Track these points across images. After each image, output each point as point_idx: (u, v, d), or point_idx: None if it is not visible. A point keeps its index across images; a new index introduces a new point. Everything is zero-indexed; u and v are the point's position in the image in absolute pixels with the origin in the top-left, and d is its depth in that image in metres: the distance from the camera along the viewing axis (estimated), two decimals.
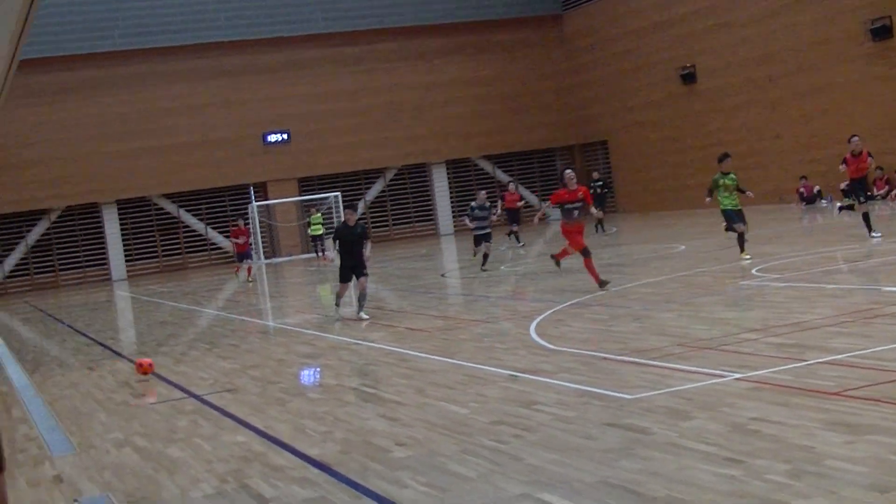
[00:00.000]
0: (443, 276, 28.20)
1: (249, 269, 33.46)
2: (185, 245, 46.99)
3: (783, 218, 32.59)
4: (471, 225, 26.74)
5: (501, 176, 50.81)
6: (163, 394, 13.57)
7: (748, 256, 20.50)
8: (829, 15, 37.16)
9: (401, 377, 12.56)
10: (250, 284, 31.65)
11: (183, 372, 15.13)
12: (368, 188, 49.35)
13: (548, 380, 11.20)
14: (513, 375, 11.68)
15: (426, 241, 46.37)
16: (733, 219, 20.92)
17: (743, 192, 21.08)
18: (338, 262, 19.38)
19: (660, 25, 45.16)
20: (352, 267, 18.86)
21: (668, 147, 44.34)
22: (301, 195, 47.15)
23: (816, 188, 37.40)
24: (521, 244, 34.20)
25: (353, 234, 18.81)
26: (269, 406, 11.67)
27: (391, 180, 49.76)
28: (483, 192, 27.55)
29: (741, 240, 20.85)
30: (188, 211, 46.88)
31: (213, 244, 47.19)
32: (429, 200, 50.30)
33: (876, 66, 35.83)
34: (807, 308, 13.79)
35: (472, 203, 26.93)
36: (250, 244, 34.87)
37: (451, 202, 50.37)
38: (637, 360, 11.70)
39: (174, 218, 46.71)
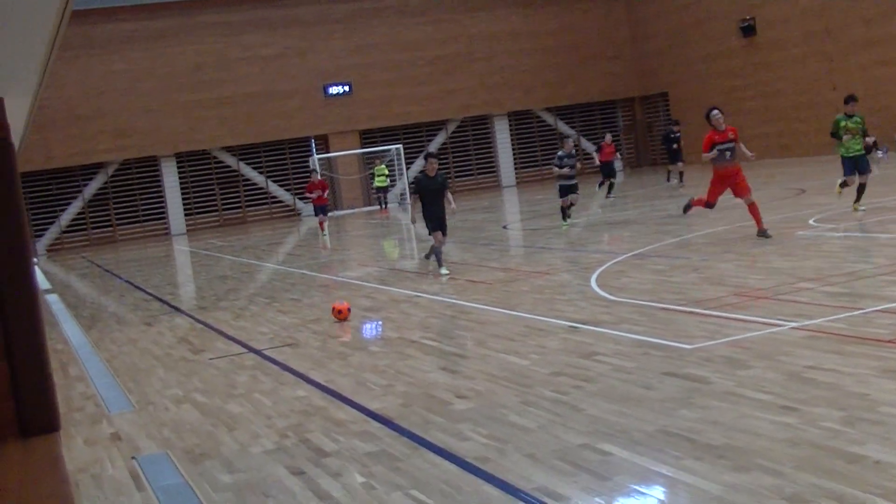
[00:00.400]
0: (504, 228, 28.31)
1: (322, 224, 32.23)
2: (245, 199, 47.16)
3: (839, 169, 32.24)
4: (559, 173, 24.50)
5: (563, 128, 50.67)
6: (222, 349, 13.66)
7: (863, 207, 19.13)
8: None
9: (462, 329, 12.74)
10: (325, 239, 30.98)
11: (243, 327, 15.29)
12: (430, 140, 49.39)
13: (607, 330, 11.33)
14: (573, 326, 11.82)
15: (488, 193, 46.43)
16: (850, 169, 19.38)
17: (865, 136, 19.64)
18: (410, 219, 19.01)
19: None
20: (438, 218, 18.33)
21: (728, 99, 43.94)
22: (363, 147, 47.27)
23: (872, 139, 37.08)
24: (612, 197, 32.50)
25: (436, 184, 18.32)
26: (329, 360, 11.80)
27: (453, 132, 49.75)
28: (570, 139, 25.51)
29: (859, 190, 19.29)
30: (248, 164, 47.07)
31: (274, 197, 47.43)
32: (491, 152, 50.28)
33: None
34: (861, 257, 13.79)
35: (559, 152, 24.70)
36: (327, 197, 33.86)
37: (514, 154, 50.34)
38: (696, 310, 11.79)
39: (234, 171, 46.87)
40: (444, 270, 18.22)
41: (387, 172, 43.27)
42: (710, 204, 18.33)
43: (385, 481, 7.07)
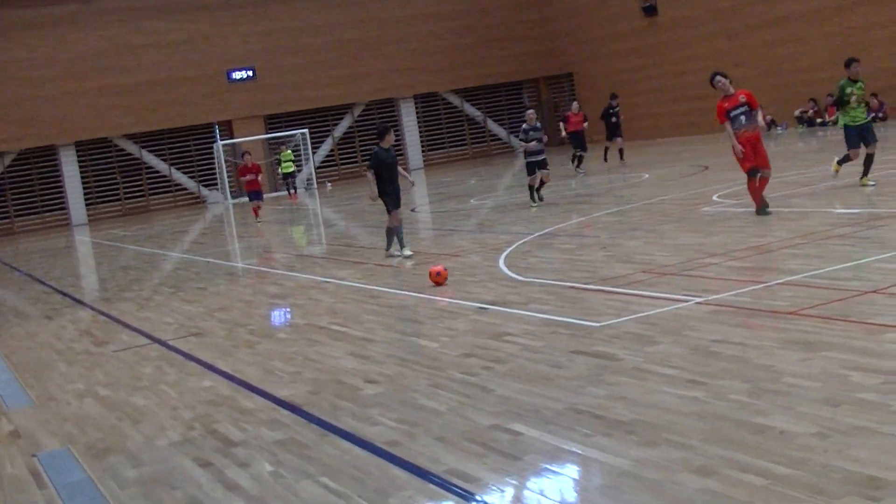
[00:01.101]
0: (413, 210, 28.26)
1: (256, 210, 30.49)
2: (148, 187, 46.56)
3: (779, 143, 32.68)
4: (522, 148, 23.02)
5: (469, 110, 50.76)
6: (126, 341, 13.41)
7: (872, 182, 17.54)
8: None
9: (371, 314, 12.67)
10: (259, 226, 29.49)
11: (147, 318, 15.05)
12: (336, 124, 49.18)
13: (516, 311, 11.35)
14: (482, 308, 11.82)
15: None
16: (855, 141, 17.73)
17: (867, 104, 17.79)
18: (370, 196, 17.48)
19: None
20: (396, 194, 17.27)
21: (632, 78, 44.44)
22: (268, 133, 46.89)
23: (769, 117, 37.79)
24: (583, 172, 30.83)
25: (391, 157, 17.32)
26: (236, 349, 11.67)
27: (359, 116, 49.58)
28: (531, 111, 23.64)
29: (867, 162, 17.67)
30: (151, 152, 46.45)
31: (178, 185, 46.89)
32: (398, 136, 50.22)
33: None
34: (764, 232, 13.97)
35: (523, 125, 23.09)
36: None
37: (421, 137, 50.31)
38: (603, 287, 11.87)
39: (136, 159, 46.23)
40: (407, 252, 17.20)
41: (293, 158, 42.94)
42: (752, 172, 16.02)
43: (294, 469, 7.00)
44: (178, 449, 7.94)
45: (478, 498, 6.06)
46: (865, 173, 17.61)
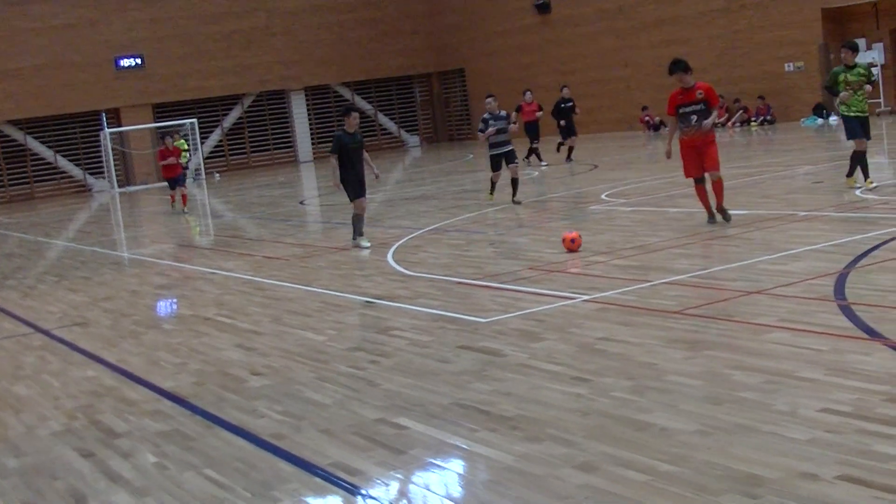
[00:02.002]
0: (301, 203, 28.12)
1: (185, 198, 28.04)
2: (33, 174, 45.56)
3: (630, 145, 33.28)
4: (482, 138, 20.45)
5: (361, 103, 50.59)
6: (8, 329, 13.15)
7: (874, 183, 16.19)
8: None
9: (257, 306, 12.57)
10: (186, 215, 27.27)
11: (30, 306, 14.75)
12: (226, 114, 48.67)
13: (404, 305, 11.36)
14: (369, 302, 11.81)
15: (285, 168, 46.04)
16: (856, 130, 16.24)
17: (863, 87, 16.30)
18: (334, 183, 16.57)
19: None
20: (359, 182, 16.32)
21: (523, 75, 44.64)
22: (156, 122, 46.17)
23: (657, 118, 38.54)
24: (545, 163, 29.24)
25: (356, 142, 16.36)
26: (121, 339, 11.50)
27: (249, 107, 49.10)
28: (491, 97, 20.81)
29: (861, 162, 16.31)
30: (36, 138, 45.47)
31: (63, 173, 45.94)
32: (287, 128, 49.83)
33: (717, 0, 37.61)
34: (651, 231, 14.17)
35: (485, 114, 20.54)
36: (184, 167, 29.54)
37: (311, 129, 50.02)
38: (491, 283, 11.93)
39: (21, 146, 45.23)
40: (365, 243, 16.35)
41: (186, 147, 42.37)
42: (697, 180, 14.52)
43: (178, 461, 6.92)
44: (60, 439, 7.81)
45: (363, 492, 6.05)
46: (850, 174, 16.41)
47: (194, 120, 45.10)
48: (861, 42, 34.38)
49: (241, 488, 6.28)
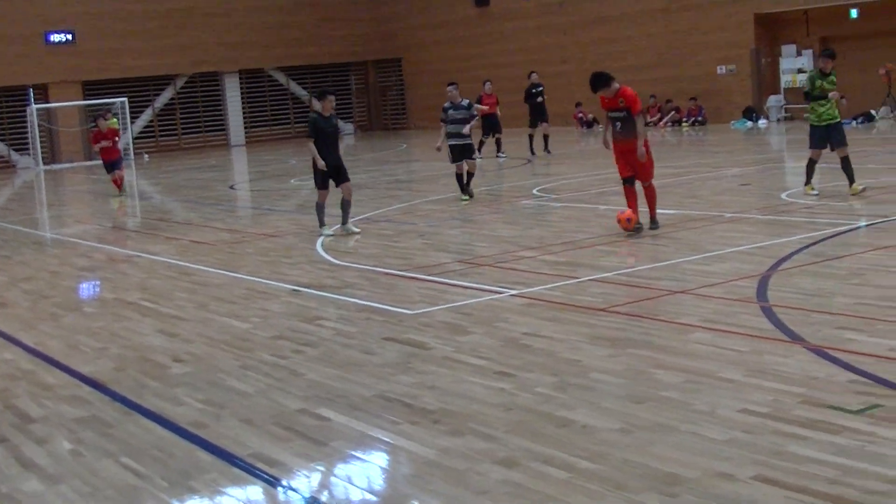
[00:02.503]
0: (231, 188, 27.92)
1: (120, 181, 26.30)
2: None
3: (564, 141, 33.39)
4: (450, 130, 19.44)
5: (295, 89, 50.31)
6: None
7: (861, 185, 15.73)
8: None
9: (182, 291, 12.43)
10: (122, 199, 25.71)
11: None
12: (158, 95, 48.11)
13: (331, 295, 11.31)
14: (296, 290, 11.74)
15: (216, 151, 45.65)
16: (819, 140, 15.89)
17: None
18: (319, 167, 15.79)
19: None
20: (334, 168, 15.75)
21: (461, 67, 44.63)
22: (85, 99, 45.49)
23: (591, 115, 38.83)
24: (505, 155, 28.20)
25: (331, 126, 15.88)
26: (40, 321, 11.30)
27: (182, 88, 48.59)
28: (453, 86, 20.06)
29: (811, 166, 16.06)
30: None
31: None
32: (220, 111, 49.39)
33: (655, 0, 37.94)
34: (580, 227, 14.24)
35: (445, 103, 19.71)
36: (120, 149, 27.66)
37: (244, 113, 49.63)
38: (419, 275, 11.91)
39: None
40: (328, 231, 15.86)
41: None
42: (625, 180, 14.05)
43: (94, 447, 6.82)
44: None
45: (283, 483, 6.01)
46: (851, 180, 15.74)
47: (124, 99, 44.52)
48: (791, 48, 34.87)
49: (159, 477, 6.21)
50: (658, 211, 14.28)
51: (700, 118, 36.06)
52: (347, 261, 13.44)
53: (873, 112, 32.22)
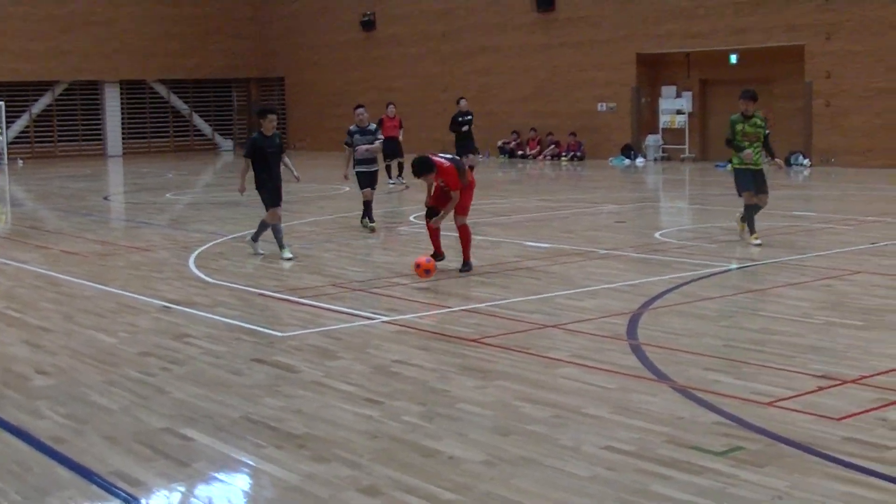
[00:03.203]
0: (106, 199, 27.47)
1: None
2: None
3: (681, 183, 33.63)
4: (359, 154, 18.22)
5: (176, 102, 49.77)
6: None
7: (757, 240, 15.06)
8: None
9: (49, 302, 12.19)
10: None
11: None
12: (35, 101, 47.17)
13: (201, 313, 11.18)
14: (166, 306, 11.59)
15: (93, 161, 44.85)
16: (747, 184, 15.23)
17: (770, 153, 15.58)
18: (239, 188, 15.56)
19: None
20: (275, 189, 14.94)
21: (344, 90, 44.74)
22: None
23: (478, 155, 39.12)
24: (404, 183, 26.57)
25: (274, 145, 14.84)
26: None
27: (60, 95, 47.72)
28: (362, 108, 18.75)
29: (750, 214, 15.27)
30: None
31: None
32: (99, 120, 48.59)
33: (536, 35, 38.73)
34: (455, 257, 14.29)
35: (351, 126, 18.52)
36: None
37: (123, 124, 48.90)
38: (292, 298, 11.85)
39: None
40: (287, 254, 14.76)
41: None
42: (428, 211, 13.80)
43: None
44: None
45: (142, 503, 5.91)
46: (752, 230, 15.20)
47: (1, 103, 43.60)
48: (671, 89, 35.59)
49: (14, 492, 6.07)
50: (532, 244, 14.41)
51: (579, 153, 36.60)
52: (220, 279, 13.32)
53: None
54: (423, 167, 13.15)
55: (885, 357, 8.58)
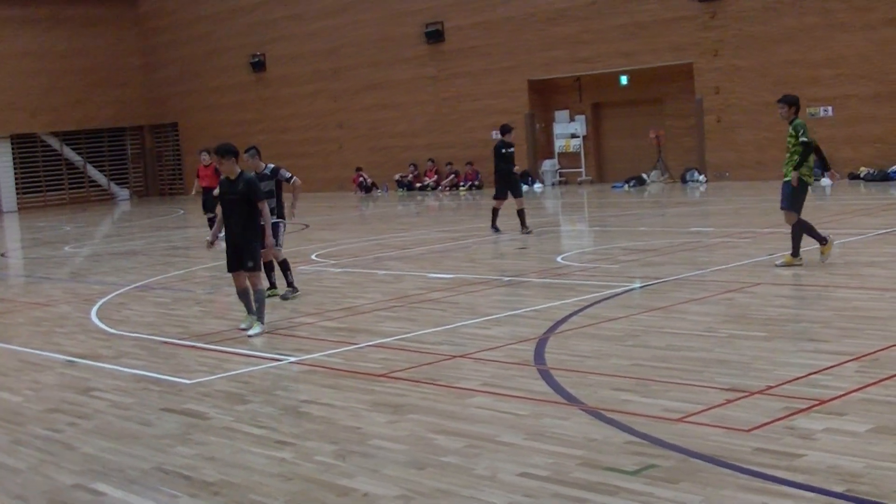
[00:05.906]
0: (2, 255, 26.98)
1: None
2: None
3: (342, 206, 33.61)
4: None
5: (70, 154, 49.15)
6: None
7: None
8: (390, 15, 39.87)
9: None
10: None
11: None
12: None
13: (106, 365, 11.04)
14: (70, 361, 11.42)
15: None
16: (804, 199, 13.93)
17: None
18: (209, 239, 13.42)
19: (234, 12, 45.77)
20: (233, 244, 12.26)
21: (238, 132, 44.56)
22: None
23: (370, 180, 39.46)
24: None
25: (234, 192, 12.14)
26: None
27: None
28: (252, 151, 15.36)
29: (804, 232, 13.87)
30: None
31: None
32: None
33: (428, 67, 39.18)
34: (359, 293, 14.30)
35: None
36: None
37: (16, 179, 48.14)
38: (197, 344, 11.75)
39: None
40: (245, 325, 12.38)
41: None
42: None
43: None
44: None
45: None
46: (795, 252, 14.02)
47: None
48: (564, 114, 36.03)
49: None
50: (435, 275, 14.47)
51: (477, 182, 36.83)
52: (123, 329, 13.15)
53: (644, 176, 33.49)
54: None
55: (789, 366, 8.72)
